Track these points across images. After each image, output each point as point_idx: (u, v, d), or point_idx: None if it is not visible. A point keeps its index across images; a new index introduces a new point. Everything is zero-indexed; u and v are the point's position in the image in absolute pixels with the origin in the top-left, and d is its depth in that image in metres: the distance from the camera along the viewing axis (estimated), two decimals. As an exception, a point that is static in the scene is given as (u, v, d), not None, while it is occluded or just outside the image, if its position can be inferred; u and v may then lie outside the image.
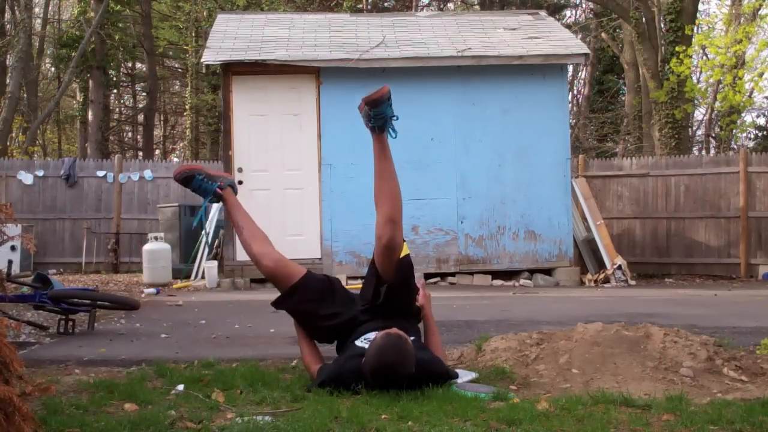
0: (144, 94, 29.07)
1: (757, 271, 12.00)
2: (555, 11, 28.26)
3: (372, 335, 3.58)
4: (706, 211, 12.47)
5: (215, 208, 11.17)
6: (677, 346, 3.87)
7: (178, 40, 23.00)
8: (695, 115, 25.33)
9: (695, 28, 17.13)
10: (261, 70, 10.06)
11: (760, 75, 17.86)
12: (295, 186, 10.10)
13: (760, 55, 16.79)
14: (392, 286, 3.67)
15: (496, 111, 10.33)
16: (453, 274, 10.19)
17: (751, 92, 18.24)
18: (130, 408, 3.26)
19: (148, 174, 13.79)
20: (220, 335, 5.50)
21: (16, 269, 11.66)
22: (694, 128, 26.74)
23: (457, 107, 10.29)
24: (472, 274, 10.21)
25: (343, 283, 9.70)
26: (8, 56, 21.08)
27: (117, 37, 21.85)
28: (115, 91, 28.11)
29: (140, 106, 30.15)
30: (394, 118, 3.79)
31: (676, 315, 6.50)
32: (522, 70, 10.34)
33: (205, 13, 21.30)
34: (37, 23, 24.66)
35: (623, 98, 25.97)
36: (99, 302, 5.69)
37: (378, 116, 3.73)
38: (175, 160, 30.43)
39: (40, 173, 13.56)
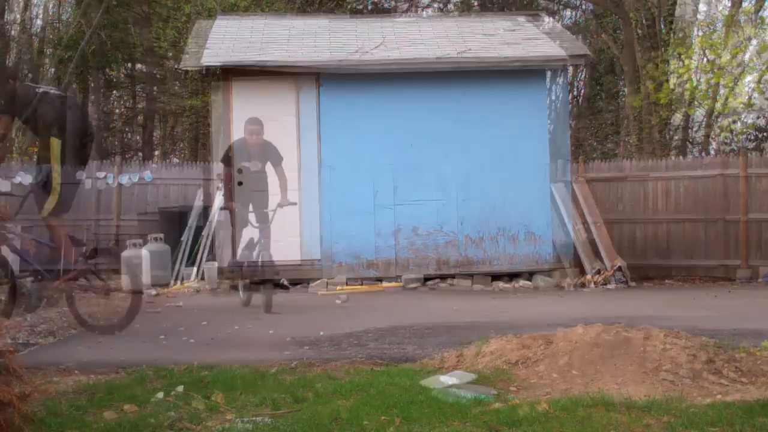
0: (144, 95, 29.03)
1: (757, 272, 11.98)
2: (554, 13, 28.30)
3: None
4: (707, 213, 12.46)
5: (215, 209, 11.16)
6: (677, 347, 3.87)
7: (179, 41, 22.98)
8: (695, 116, 25.31)
9: (695, 30, 17.13)
10: (261, 72, 10.05)
11: (760, 77, 17.85)
12: (295, 188, 10.07)
13: (761, 57, 16.77)
14: None
15: (497, 113, 10.31)
16: (453, 276, 10.17)
17: (751, 94, 18.23)
18: (130, 409, 3.25)
19: (147, 175, 13.76)
20: (220, 337, 5.49)
21: (15, 270, 11.67)
22: (694, 130, 26.72)
23: (458, 109, 10.26)
24: (472, 275, 10.18)
25: (344, 284, 9.73)
26: (8, 58, 21.09)
27: (117, 38, 21.84)
28: (114, 92, 28.07)
29: (140, 107, 30.12)
30: None
31: (676, 317, 6.50)
32: (522, 71, 10.31)
33: (206, 14, 21.29)
34: (37, 24, 24.64)
35: (623, 99, 25.96)
36: None
37: None
38: (175, 161, 30.44)
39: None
